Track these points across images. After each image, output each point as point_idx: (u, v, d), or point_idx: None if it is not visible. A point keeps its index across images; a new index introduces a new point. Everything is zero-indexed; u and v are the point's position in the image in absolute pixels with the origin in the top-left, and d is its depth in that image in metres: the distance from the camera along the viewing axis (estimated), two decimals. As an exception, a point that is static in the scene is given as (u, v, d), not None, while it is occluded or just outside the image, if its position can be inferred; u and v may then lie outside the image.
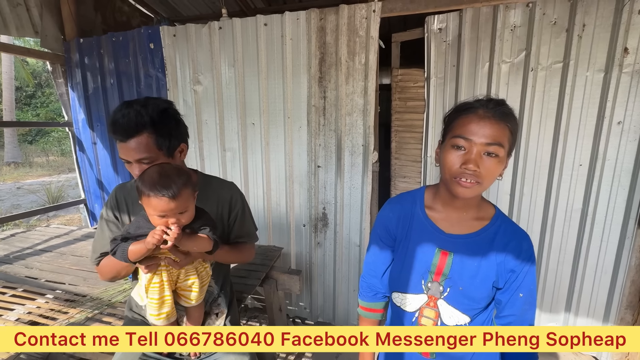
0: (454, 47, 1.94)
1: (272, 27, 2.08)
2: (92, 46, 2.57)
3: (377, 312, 0.97)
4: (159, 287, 0.96)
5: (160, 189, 0.83)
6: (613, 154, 1.75)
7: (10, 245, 2.30)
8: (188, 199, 0.88)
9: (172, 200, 0.84)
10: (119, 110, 0.92)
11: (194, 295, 1.02)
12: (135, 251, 0.86)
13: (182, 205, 0.86)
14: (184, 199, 0.87)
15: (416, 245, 0.83)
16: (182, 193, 0.85)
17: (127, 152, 0.92)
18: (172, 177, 0.86)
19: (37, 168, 10.22)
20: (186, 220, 0.89)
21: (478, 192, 0.72)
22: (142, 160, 0.92)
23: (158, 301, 0.97)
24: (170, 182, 0.84)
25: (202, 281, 1.05)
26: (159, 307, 0.98)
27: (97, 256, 1.08)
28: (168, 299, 0.98)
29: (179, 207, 0.86)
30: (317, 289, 2.38)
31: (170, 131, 0.96)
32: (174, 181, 0.85)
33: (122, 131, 0.90)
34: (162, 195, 0.83)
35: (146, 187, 0.85)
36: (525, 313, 0.78)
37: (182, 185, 0.86)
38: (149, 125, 0.91)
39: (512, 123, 0.71)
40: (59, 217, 5.54)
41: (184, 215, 0.88)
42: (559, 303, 2.01)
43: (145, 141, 0.91)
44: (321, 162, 2.17)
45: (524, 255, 0.77)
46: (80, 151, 2.87)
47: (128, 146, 0.91)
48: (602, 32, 1.67)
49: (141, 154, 0.91)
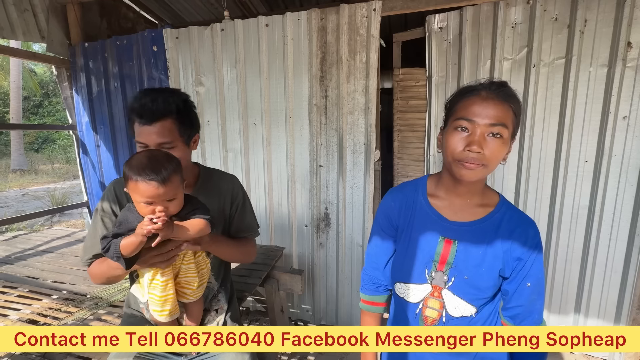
0: (455, 46, 1.94)
1: (273, 28, 2.09)
2: (97, 50, 2.61)
3: (379, 306, 0.94)
4: (162, 285, 0.94)
5: (149, 172, 0.79)
6: (619, 150, 1.72)
7: (12, 247, 2.30)
8: (177, 186, 0.85)
9: (161, 186, 0.80)
10: (145, 95, 0.92)
11: (190, 292, 1.00)
12: (128, 245, 0.81)
13: (171, 191, 0.83)
14: (174, 185, 0.83)
15: (419, 234, 0.81)
16: (171, 179, 0.82)
17: (148, 135, 0.91)
18: (162, 162, 0.82)
19: (43, 175, 10.32)
20: (174, 209, 0.86)
21: (483, 174, 0.70)
22: (163, 144, 0.92)
23: (161, 298, 0.95)
24: (160, 167, 0.81)
25: (202, 278, 1.04)
26: (162, 304, 0.96)
27: (89, 257, 1.01)
28: (171, 296, 0.96)
29: (168, 194, 0.82)
30: (320, 290, 2.34)
31: (191, 120, 0.99)
32: (164, 166, 0.81)
33: (150, 114, 0.90)
34: (150, 179, 0.79)
35: (134, 171, 0.80)
36: (534, 303, 0.75)
37: (172, 171, 0.82)
38: (174, 112, 0.93)
39: (515, 104, 0.70)
40: (63, 222, 5.56)
41: (173, 203, 0.84)
42: (568, 303, 1.96)
43: (169, 126, 0.93)
44: (323, 161, 2.16)
45: (530, 242, 0.74)
46: (83, 154, 2.89)
47: (152, 129, 0.91)
48: (604, 27, 1.66)
49: (164, 138, 0.92)
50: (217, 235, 1.10)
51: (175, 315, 1.00)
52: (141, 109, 0.91)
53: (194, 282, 1.00)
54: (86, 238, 1.04)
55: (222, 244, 1.08)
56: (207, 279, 1.08)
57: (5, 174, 10.35)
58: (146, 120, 0.91)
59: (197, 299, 1.04)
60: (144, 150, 0.88)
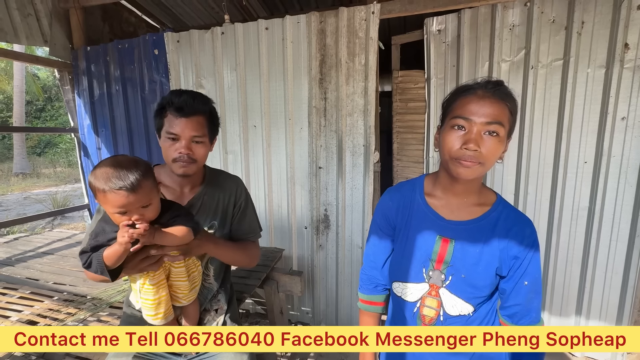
0: (454, 48, 1.96)
1: (273, 31, 2.11)
2: (99, 54, 2.63)
3: (378, 305, 0.94)
4: (154, 288, 0.94)
5: (116, 181, 0.74)
6: (618, 151, 1.72)
7: (13, 249, 2.31)
8: (150, 190, 0.80)
9: (131, 193, 0.75)
10: (184, 92, 0.99)
11: (182, 295, 1.00)
12: (111, 255, 0.78)
13: (144, 198, 0.78)
14: (145, 190, 0.78)
15: (416, 233, 0.82)
16: (141, 184, 0.77)
17: (184, 127, 0.97)
18: (128, 167, 0.77)
19: (45, 179, 10.36)
20: (152, 214, 0.82)
21: (479, 173, 0.71)
22: (196, 137, 0.99)
23: (153, 302, 0.95)
24: (126, 173, 0.76)
25: (193, 282, 1.03)
26: (156, 308, 0.96)
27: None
28: (164, 298, 0.96)
29: (140, 200, 0.77)
30: (320, 292, 2.33)
31: (217, 123, 1.09)
32: (131, 171, 0.76)
33: (190, 108, 0.97)
34: (118, 188, 0.74)
35: (100, 181, 0.75)
36: (531, 302, 0.75)
37: (140, 176, 0.77)
38: (208, 112, 1.03)
39: (511, 103, 0.70)
40: (64, 225, 5.57)
41: (148, 209, 0.81)
42: (569, 305, 1.94)
43: (203, 122, 1.01)
44: (322, 163, 2.16)
45: (527, 241, 0.74)
46: (85, 156, 2.90)
47: (189, 121, 0.97)
48: (602, 28, 1.67)
49: (197, 131, 0.99)
50: (219, 239, 1.10)
51: (169, 317, 1.00)
52: (182, 102, 0.97)
53: (185, 285, 1.00)
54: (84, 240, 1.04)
55: (225, 248, 1.10)
56: (199, 282, 1.08)
57: (8, 177, 10.41)
58: (185, 113, 0.97)
59: (192, 302, 1.05)
60: (108, 157, 0.84)
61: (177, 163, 0.99)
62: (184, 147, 0.97)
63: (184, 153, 0.98)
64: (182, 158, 0.98)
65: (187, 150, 0.98)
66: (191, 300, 1.04)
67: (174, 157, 0.99)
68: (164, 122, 0.99)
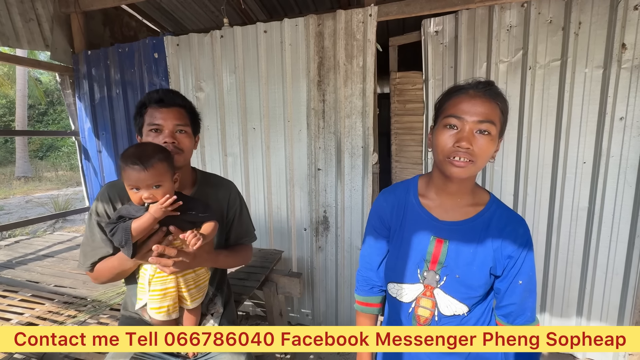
0: (451, 49, 1.96)
1: (271, 34, 2.13)
2: (99, 58, 2.66)
3: (374, 307, 0.94)
4: (162, 279, 0.96)
5: (133, 158, 0.86)
6: (617, 151, 1.72)
7: (14, 251, 2.32)
8: (163, 173, 0.89)
9: (143, 170, 0.85)
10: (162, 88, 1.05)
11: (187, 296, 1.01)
12: (140, 225, 0.87)
13: (155, 177, 0.87)
14: (157, 171, 0.88)
15: (411, 234, 0.82)
16: (154, 165, 0.87)
17: (166, 116, 0.99)
18: (147, 150, 0.89)
19: (47, 182, 10.41)
20: (161, 195, 0.89)
21: (472, 172, 0.71)
22: (179, 125, 1.01)
23: (160, 293, 0.96)
24: (143, 154, 0.87)
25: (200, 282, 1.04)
26: (161, 300, 0.96)
27: (92, 262, 1.01)
28: (171, 292, 0.97)
29: (151, 179, 0.87)
30: (319, 294, 2.33)
31: (197, 119, 1.11)
32: (148, 153, 0.88)
33: (170, 99, 1.01)
34: (133, 163, 0.86)
35: (123, 159, 0.88)
36: (526, 301, 0.75)
37: (156, 158, 0.88)
38: (188, 106, 1.06)
39: (502, 102, 0.71)
40: (66, 228, 5.59)
41: (159, 190, 0.89)
42: (569, 307, 1.93)
43: (184, 113, 1.04)
44: (321, 164, 2.17)
45: (520, 240, 0.75)
46: (85, 160, 2.92)
47: (170, 111, 1.00)
48: (599, 29, 1.67)
49: (180, 120, 1.02)
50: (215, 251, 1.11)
51: (173, 315, 1.00)
52: (162, 95, 1.01)
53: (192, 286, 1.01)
54: (83, 243, 1.03)
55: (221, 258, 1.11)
56: (206, 286, 1.09)
57: (10, 181, 10.46)
58: (166, 104, 1.00)
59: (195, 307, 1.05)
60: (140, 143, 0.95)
61: None
62: (169, 136, 0.98)
63: (169, 142, 0.98)
64: (168, 147, 0.97)
65: (172, 139, 0.99)
66: (198, 302, 1.05)
67: None
68: (145, 118, 1.01)
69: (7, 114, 13.76)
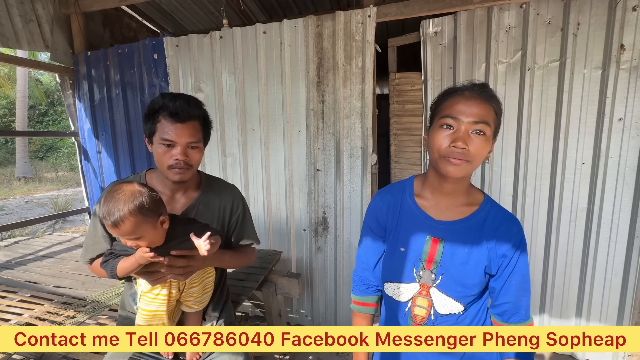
0: (450, 50, 1.96)
1: (271, 35, 2.13)
2: (99, 58, 2.66)
3: (370, 307, 0.94)
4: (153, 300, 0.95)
5: (105, 214, 0.80)
6: (616, 152, 1.72)
7: (13, 252, 2.32)
8: (138, 226, 0.82)
9: (115, 228, 0.81)
10: (177, 97, 0.97)
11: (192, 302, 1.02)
12: (124, 269, 0.85)
13: (130, 233, 0.81)
14: (131, 227, 0.81)
15: (406, 234, 0.82)
16: (125, 222, 0.80)
17: (180, 133, 0.95)
18: (119, 202, 0.80)
19: (47, 183, 10.42)
20: (145, 244, 0.85)
21: (468, 171, 0.72)
22: (192, 143, 0.98)
23: (150, 314, 0.96)
24: (115, 208, 0.79)
25: (206, 288, 1.06)
26: (150, 320, 0.97)
27: (90, 257, 1.06)
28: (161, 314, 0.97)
29: (127, 234, 0.82)
30: (319, 295, 2.33)
31: (210, 127, 1.08)
32: (118, 207, 0.79)
33: (186, 113, 0.95)
34: (106, 221, 0.81)
35: (99, 206, 0.84)
36: (520, 299, 0.76)
37: (128, 213, 0.79)
38: (202, 116, 1.02)
39: (496, 104, 0.73)
40: (65, 229, 5.59)
41: (141, 241, 0.84)
42: (569, 308, 1.93)
43: (198, 127, 1.00)
44: (320, 165, 2.17)
45: (514, 239, 0.75)
46: (85, 160, 2.92)
47: (185, 127, 0.95)
48: (597, 29, 1.67)
49: (193, 137, 0.98)
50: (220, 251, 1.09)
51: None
52: (177, 107, 0.94)
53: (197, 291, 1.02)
54: (86, 237, 1.06)
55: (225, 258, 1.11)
56: (212, 288, 1.09)
57: (10, 181, 10.47)
58: (180, 118, 0.95)
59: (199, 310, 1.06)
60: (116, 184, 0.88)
61: (173, 170, 0.97)
62: (181, 154, 0.95)
63: (181, 159, 0.95)
64: (179, 165, 0.96)
65: (184, 156, 0.96)
66: (203, 305, 1.05)
67: (170, 164, 0.96)
68: (157, 127, 0.96)
69: (7, 114, 13.78)
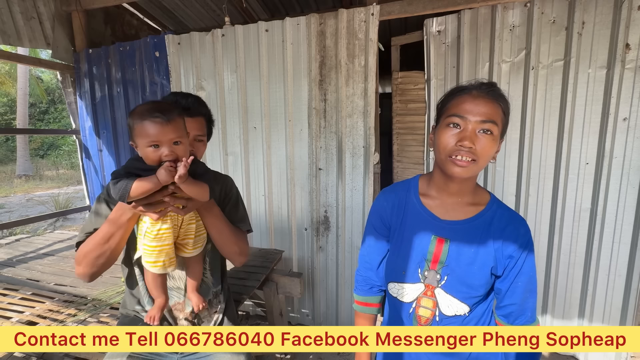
0: (454, 49, 1.95)
1: (273, 33, 2.12)
2: (101, 56, 2.65)
3: (373, 307, 0.93)
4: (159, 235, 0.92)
5: (154, 112, 0.81)
6: (620, 152, 1.71)
7: (15, 250, 2.32)
8: (182, 128, 0.86)
9: (167, 124, 0.81)
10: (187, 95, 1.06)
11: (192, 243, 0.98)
12: (140, 187, 0.80)
13: (177, 132, 0.83)
14: (179, 126, 0.84)
15: (411, 233, 0.81)
16: (176, 119, 0.84)
17: (190, 126, 1.00)
18: (165, 105, 0.86)
19: (47, 180, 10.42)
20: (181, 153, 0.85)
21: (474, 172, 0.71)
22: (198, 136, 1.05)
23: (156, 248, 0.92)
24: (163, 107, 0.83)
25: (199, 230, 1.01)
26: (157, 255, 0.93)
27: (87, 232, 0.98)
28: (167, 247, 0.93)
29: (174, 133, 0.82)
30: (320, 294, 2.33)
31: (212, 123, 1.16)
32: (168, 107, 0.84)
33: (195, 109, 1.04)
34: (156, 116, 0.80)
35: (139, 114, 0.82)
36: (526, 301, 0.75)
37: (176, 113, 0.85)
38: (207, 114, 1.11)
39: (504, 104, 0.72)
40: (66, 227, 5.60)
41: (179, 147, 0.84)
42: (571, 308, 1.93)
43: (204, 123, 1.09)
44: (322, 164, 2.16)
45: (521, 240, 0.74)
46: (86, 158, 2.92)
47: (194, 121, 1.03)
48: (602, 29, 1.66)
49: (200, 131, 1.06)
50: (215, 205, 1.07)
51: (169, 268, 0.96)
52: (189, 104, 1.03)
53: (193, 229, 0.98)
54: (86, 221, 1.03)
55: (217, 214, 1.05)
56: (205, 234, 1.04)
57: (11, 179, 10.48)
58: (191, 113, 1.03)
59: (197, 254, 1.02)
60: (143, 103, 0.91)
61: None
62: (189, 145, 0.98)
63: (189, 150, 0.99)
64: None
65: (191, 147, 1.02)
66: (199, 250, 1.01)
67: None
68: None
69: (8, 112, 13.77)
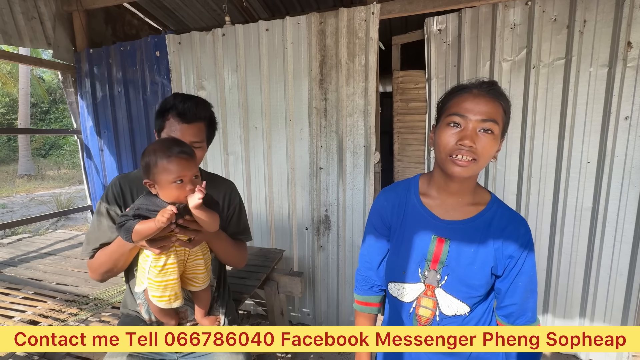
0: (454, 48, 1.95)
1: (273, 32, 2.12)
2: (101, 56, 2.65)
3: (373, 306, 0.93)
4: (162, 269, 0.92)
5: (179, 148, 0.85)
6: (622, 150, 1.70)
7: (17, 249, 2.33)
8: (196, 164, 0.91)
9: (191, 159, 0.86)
10: (187, 98, 1.03)
11: (202, 277, 0.99)
12: (142, 230, 0.82)
13: (197, 166, 0.89)
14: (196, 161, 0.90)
15: (412, 233, 0.81)
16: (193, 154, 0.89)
17: (184, 133, 1.01)
18: (180, 141, 0.90)
19: (49, 180, 10.45)
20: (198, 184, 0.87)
21: (474, 171, 0.70)
22: (195, 142, 1.03)
23: (162, 283, 0.92)
24: (182, 143, 0.89)
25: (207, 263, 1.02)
26: (163, 290, 0.93)
27: (93, 248, 1.02)
28: (172, 283, 0.94)
29: (196, 167, 0.88)
30: (320, 294, 2.33)
31: (214, 128, 1.13)
32: (183, 143, 0.90)
33: (192, 115, 1.02)
34: (182, 151, 0.84)
35: (163, 152, 0.84)
36: (527, 301, 0.75)
37: (190, 148, 0.90)
38: (208, 118, 1.07)
39: (505, 102, 0.71)
40: (68, 226, 5.61)
41: (197, 180, 0.88)
42: (572, 308, 1.92)
43: (203, 128, 1.06)
44: (323, 163, 2.16)
45: (521, 240, 0.74)
46: (87, 158, 2.92)
47: (190, 127, 1.02)
48: (604, 27, 1.65)
49: (197, 137, 1.04)
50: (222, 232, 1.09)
51: (175, 304, 0.96)
52: (185, 109, 1.01)
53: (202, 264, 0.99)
54: (88, 231, 1.04)
55: (223, 236, 1.08)
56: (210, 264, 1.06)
57: (13, 179, 10.51)
58: (187, 119, 1.01)
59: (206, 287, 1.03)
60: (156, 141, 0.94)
61: None
62: None
63: None
64: None
65: None
66: (207, 283, 1.03)
67: None
68: (165, 124, 1.02)
69: (10, 112, 13.81)
